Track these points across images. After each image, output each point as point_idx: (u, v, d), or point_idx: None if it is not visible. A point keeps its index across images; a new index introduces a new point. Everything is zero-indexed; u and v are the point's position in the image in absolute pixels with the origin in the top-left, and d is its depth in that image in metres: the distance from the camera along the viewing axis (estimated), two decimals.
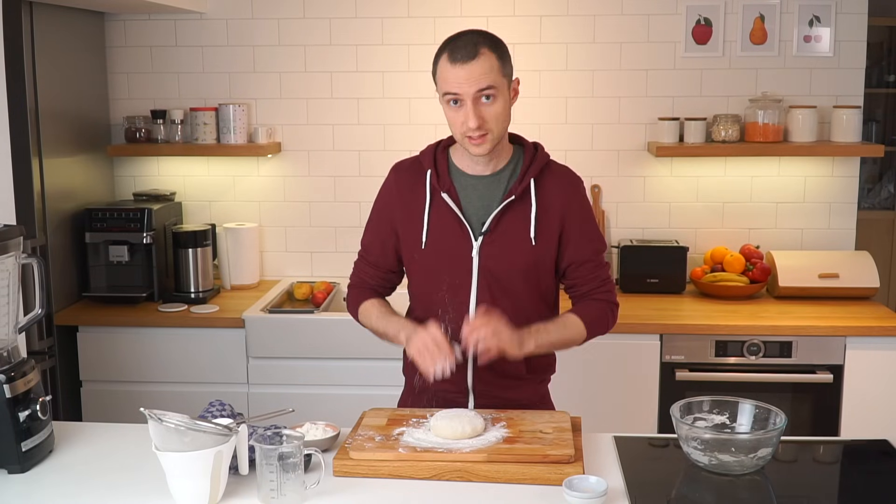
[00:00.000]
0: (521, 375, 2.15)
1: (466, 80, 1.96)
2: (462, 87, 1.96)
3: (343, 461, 1.83)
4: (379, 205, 2.20)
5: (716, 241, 3.72)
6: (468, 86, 1.96)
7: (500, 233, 2.07)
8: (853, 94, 3.63)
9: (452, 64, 1.97)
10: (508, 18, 3.63)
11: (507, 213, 2.08)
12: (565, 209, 2.11)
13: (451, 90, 1.97)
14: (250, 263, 3.71)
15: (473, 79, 1.95)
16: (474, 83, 1.96)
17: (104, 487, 1.80)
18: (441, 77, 2.00)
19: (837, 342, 3.16)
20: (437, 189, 2.09)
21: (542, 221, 2.09)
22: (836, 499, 1.90)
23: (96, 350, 3.32)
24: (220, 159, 3.80)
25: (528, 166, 2.10)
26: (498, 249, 2.07)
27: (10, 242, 1.95)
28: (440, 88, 2.02)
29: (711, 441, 1.88)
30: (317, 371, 3.26)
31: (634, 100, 3.68)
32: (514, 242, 2.07)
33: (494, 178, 2.10)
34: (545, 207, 2.09)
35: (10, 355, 1.95)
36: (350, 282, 2.28)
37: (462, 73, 1.96)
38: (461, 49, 1.97)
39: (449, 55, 1.98)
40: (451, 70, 1.97)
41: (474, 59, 1.95)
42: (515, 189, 2.07)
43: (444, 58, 1.99)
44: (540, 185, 2.10)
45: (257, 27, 3.72)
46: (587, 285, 2.14)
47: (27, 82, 3.11)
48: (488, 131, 1.99)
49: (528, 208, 2.08)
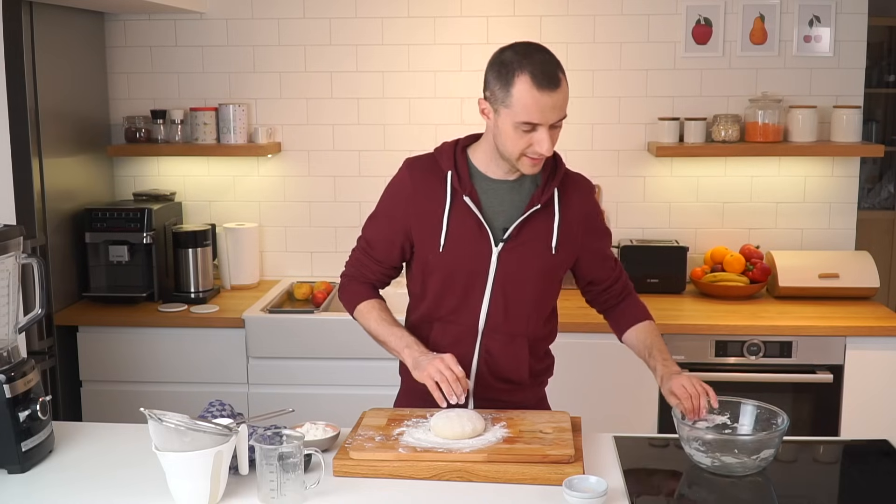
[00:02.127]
0: (522, 380, 2.15)
1: (552, 110, 1.90)
2: (545, 115, 1.90)
3: (343, 461, 1.83)
4: (390, 201, 2.14)
5: (716, 241, 3.72)
6: (552, 114, 1.91)
7: (522, 240, 2.06)
8: (853, 94, 3.63)
9: (539, 90, 1.88)
10: (508, 18, 3.63)
11: (529, 220, 2.06)
12: (585, 218, 2.12)
13: (532, 120, 1.90)
14: (250, 263, 3.71)
15: (558, 107, 1.91)
16: (558, 112, 1.92)
17: (104, 487, 1.80)
18: (520, 102, 1.89)
19: (837, 342, 3.16)
20: (458, 191, 2.06)
21: (564, 232, 2.09)
22: (836, 499, 1.90)
23: (96, 350, 3.32)
24: (220, 159, 3.80)
25: (548, 174, 2.08)
26: (518, 256, 2.06)
27: (10, 242, 1.95)
28: (515, 110, 1.91)
29: (714, 442, 1.88)
30: (317, 371, 3.26)
31: (634, 100, 3.68)
32: (534, 250, 2.07)
33: (516, 183, 2.08)
34: (567, 217, 2.09)
35: (10, 355, 1.95)
36: (346, 271, 2.23)
37: (549, 101, 1.89)
38: (547, 76, 1.89)
39: (533, 79, 1.88)
40: (537, 98, 1.88)
41: (559, 87, 1.90)
42: (539, 198, 2.06)
43: (525, 80, 1.89)
44: (561, 194, 2.09)
45: (257, 27, 3.72)
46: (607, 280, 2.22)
47: (27, 82, 3.11)
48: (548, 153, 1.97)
49: (551, 217, 2.07)
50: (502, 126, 1.95)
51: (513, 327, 2.10)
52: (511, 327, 2.10)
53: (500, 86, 1.93)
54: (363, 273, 2.20)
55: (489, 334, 2.10)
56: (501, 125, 1.96)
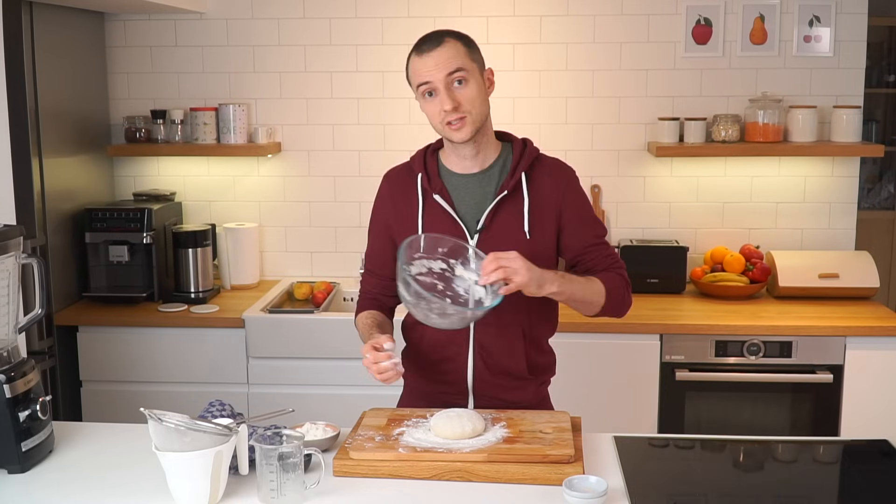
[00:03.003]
0: (522, 376, 2.15)
1: (435, 66, 2.01)
2: (432, 73, 2.01)
3: (343, 461, 1.83)
4: (374, 215, 2.22)
5: (716, 241, 3.72)
6: (437, 71, 2.01)
7: (495, 229, 2.08)
8: (853, 94, 3.63)
9: (419, 55, 2.04)
10: (508, 18, 3.63)
11: (500, 208, 2.08)
12: (560, 200, 2.11)
13: (422, 80, 2.02)
14: (250, 263, 3.71)
15: (442, 63, 2.01)
16: (443, 67, 2.00)
17: (104, 487, 1.80)
18: (412, 71, 2.06)
19: (837, 342, 3.16)
20: (428, 191, 2.11)
21: (536, 215, 2.09)
22: (836, 499, 1.90)
23: (96, 350, 3.32)
24: (220, 159, 3.80)
25: (517, 161, 2.11)
26: (494, 246, 2.06)
27: (10, 242, 1.95)
28: (414, 83, 2.06)
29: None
30: (317, 371, 3.26)
31: (634, 100, 3.68)
32: (509, 238, 2.07)
33: (484, 175, 2.11)
34: (538, 201, 2.10)
35: (10, 355, 1.95)
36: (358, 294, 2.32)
37: (430, 60, 2.01)
38: (426, 41, 2.04)
39: (416, 50, 2.05)
40: (420, 61, 2.03)
41: (439, 45, 2.02)
42: (507, 184, 2.08)
43: (412, 54, 2.06)
44: (532, 179, 2.11)
45: (257, 27, 3.72)
46: (601, 265, 2.13)
47: (27, 82, 3.11)
48: (466, 114, 2.02)
49: (521, 202, 2.09)
50: (421, 106, 2.08)
51: (504, 318, 2.09)
52: (502, 318, 2.09)
53: (407, 77, 2.10)
54: (367, 290, 2.27)
55: (481, 328, 2.11)
56: (421, 106, 2.08)
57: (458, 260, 2.03)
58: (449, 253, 2.03)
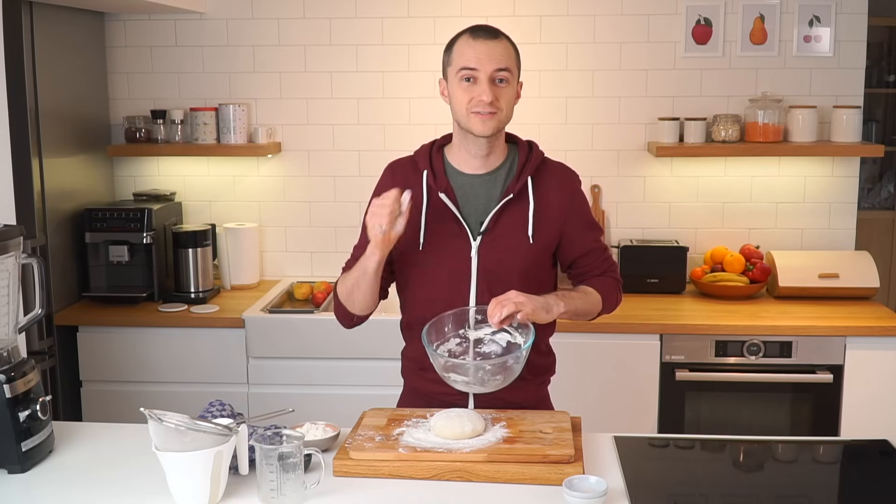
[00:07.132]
0: (521, 376, 2.14)
1: (487, 57, 1.99)
2: (482, 62, 1.99)
3: (343, 461, 1.83)
4: None
5: (716, 241, 3.72)
6: (489, 62, 1.99)
7: (499, 232, 2.07)
8: (853, 94, 3.63)
9: (475, 40, 2.00)
10: (508, 18, 3.63)
11: (504, 211, 2.08)
12: (565, 207, 2.11)
13: (469, 65, 1.99)
14: (250, 263, 3.71)
15: (495, 57, 1.99)
16: (494, 61, 1.99)
17: (104, 487, 1.80)
18: (459, 53, 2.02)
19: (837, 342, 3.16)
20: (433, 189, 2.09)
21: (540, 220, 2.09)
22: (836, 499, 1.90)
23: (96, 350, 3.32)
24: (220, 159, 3.80)
25: (523, 164, 2.10)
26: (496, 248, 2.07)
27: (10, 242, 1.95)
28: (456, 63, 2.02)
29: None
30: (317, 371, 3.26)
31: (634, 100, 3.68)
32: (512, 241, 2.07)
33: (490, 176, 2.10)
34: (543, 206, 2.09)
35: (10, 355, 1.95)
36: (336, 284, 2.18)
37: (484, 48, 1.99)
38: (483, 30, 2.02)
39: (471, 34, 2.02)
40: (473, 45, 2.00)
41: (496, 39, 2.02)
42: (513, 187, 2.07)
43: (464, 36, 2.03)
44: (537, 184, 2.10)
45: (257, 27, 3.72)
46: (597, 269, 2.17)
47: (27, 82, 3.11)
48: (498, 110, 2.01)
49: (526, 207, 2.08)
50: (451, 89, 2.05)
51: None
52: None
53: (446, 55, 2.07)
54: None
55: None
56: (451, 89, 2.05)
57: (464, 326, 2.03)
58: (455, 325, 2.04)
